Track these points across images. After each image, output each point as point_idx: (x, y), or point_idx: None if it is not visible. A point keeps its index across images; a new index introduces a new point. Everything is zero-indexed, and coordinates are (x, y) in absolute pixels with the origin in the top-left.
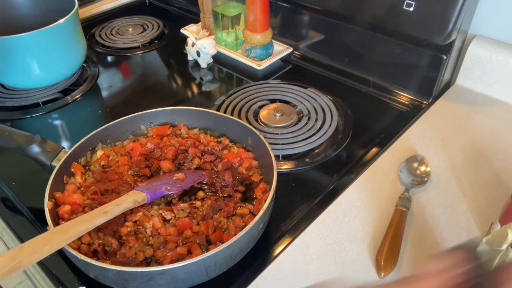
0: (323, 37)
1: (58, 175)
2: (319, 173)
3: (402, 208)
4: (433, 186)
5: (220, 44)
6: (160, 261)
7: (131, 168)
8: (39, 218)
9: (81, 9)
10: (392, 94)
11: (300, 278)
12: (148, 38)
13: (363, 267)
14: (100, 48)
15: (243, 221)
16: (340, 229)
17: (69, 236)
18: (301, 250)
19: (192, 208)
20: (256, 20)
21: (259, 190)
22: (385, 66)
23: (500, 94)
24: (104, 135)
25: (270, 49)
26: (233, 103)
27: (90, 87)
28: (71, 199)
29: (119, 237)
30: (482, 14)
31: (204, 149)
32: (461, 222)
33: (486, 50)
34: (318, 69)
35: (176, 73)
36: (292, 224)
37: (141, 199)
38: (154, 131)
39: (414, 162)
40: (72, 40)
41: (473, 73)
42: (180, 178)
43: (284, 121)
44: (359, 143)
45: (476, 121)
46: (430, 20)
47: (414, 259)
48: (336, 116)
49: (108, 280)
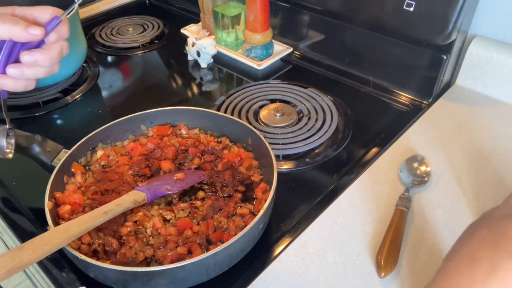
0: (323, 37)
1: (58, 175)
2: (319, 173)
3: (402, 208)
4: (433, 186)
5: (220, 44)
6: (160, 261)
7: (131, 168)
8: (39, 218)
9: (81, 9)
10: (392, 94)
11: (300, 278)
12: (148, 38)
13: (363, 267)
14: (100, 48)
15: (243, 221)
16: (340, 229)
17: (69, 236)
18: (301, 250)
19: (192, 208)
20: (256, 20)
21: (259, 190)
22: (385, 66)
23: (500, 94)
24: (104, 135)
25: (270, 49)
26: (233, 103)
27: (90, 87)
28: (71, 199)
29: (119, 237)
30: (482, 14)
31: (204, 149)
32: (461, 222)
33: (486, 50)
34: (318, 69)
35: (176, 73)
36: (292, 224)
37: (141, 199)
38: (154, 131)
39: (414, 162)
40: (72, 40)
41: (473, 73)
42: (180, 178)
43: (284, 121)
44: (359, 143)
45: (476, 121)
46: (430, 20)
47: (414, 259)
48: (336, 116)
49: (108, 280)
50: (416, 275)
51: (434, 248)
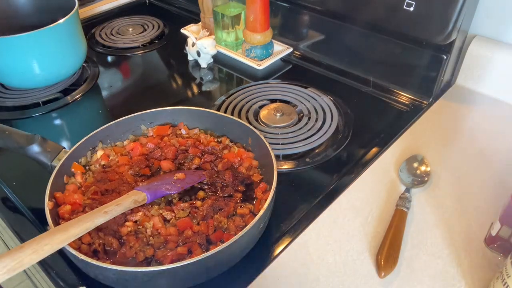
0: (323, 37)
1: (59, 175)
2: (319, 173)
3: (402, 208)
4: (433, 186)
5: (220, 44)
6: (160, 261)
7: (132, 168)
8: (40, 218)
9: (81, 9)
10: (392, 94)
11: (300, 278)
12: (148, 38)
13: (363, 267)
14: (100, 48)
15: (244, 221)
16: (340, 229)
17: (69, 236)
18: (301, 250)
19: (193, 208)
20: (256, 20)
21: (259, 190)
22: (385, 66)
23: (500, 94)
24: (104, 135)
25: (270, 49)
26: (233, 103)
27: (90, 87)
28: (72, 199)
29: (119, 237)
30: (482, 14)
31: (205, 149)
32: (461, 222)
33: (486, 50)
34: (318, 69)
35: (176, 73)
36: (292, 224)
37: (141, 199)
38: (154, 131)
39: (414, 162)
40: (72, 40)
41: (473, 73)
42: (181, 178)
43: (284, 121)
44: (359, 143)
45: (476, 121)
46: (430, 20)
47: (414, 259)
48: (336, 116)
49: (108, 280)
50: (416, 275)
51: (434, 248)
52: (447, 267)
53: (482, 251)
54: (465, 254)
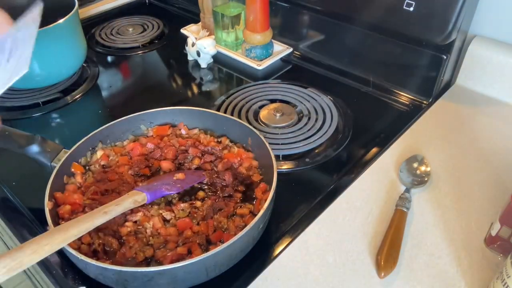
0: (323, 37)
1: (58, 175)
2: (319, 173)
3: (402, 208)
4: (433, 186)
5: (220, 44)
6: (160, 261)
7: (131, 168)
8: (39, 218)
9: (81, 9)
10: (392, 94)
11: (300, 278)
12: (148, 38)
13: (363, 267)
14: (100, 48)
15: (243, 221)
16: (340, 229)
17: (69, 236)
18: (301, 250)
19: (192, 208)
20: (256, 20)
21: (259, 190)
22: (385, 66)
23: (500, 94)
24: (104, 135)
25: (270, 49)
26: (233, 103)
27: (90, 87)
28: (71, 199)
29: (119, 237)
30: (482, 14)
31: (204, 149)
32: (461, 222)
33: (486, 50)
34: (318, 69)
35: (176, 73)
36: (292, 224)
37: (141, 199)
38: (154, 131)
39: (414, 162)
40: (72, 40)
41: (473, 73)
42: (180, 178)
43: (284, 121)
44: (359, 143)
45: (476, 121)
46: (430, 20)
47: (414, 259)
48: (336, 116)
49: (108, 280)
50: (416, 275)
51: (434, 248)
52: (447, 267)
53: (482, 251)
54: (465, 254)
